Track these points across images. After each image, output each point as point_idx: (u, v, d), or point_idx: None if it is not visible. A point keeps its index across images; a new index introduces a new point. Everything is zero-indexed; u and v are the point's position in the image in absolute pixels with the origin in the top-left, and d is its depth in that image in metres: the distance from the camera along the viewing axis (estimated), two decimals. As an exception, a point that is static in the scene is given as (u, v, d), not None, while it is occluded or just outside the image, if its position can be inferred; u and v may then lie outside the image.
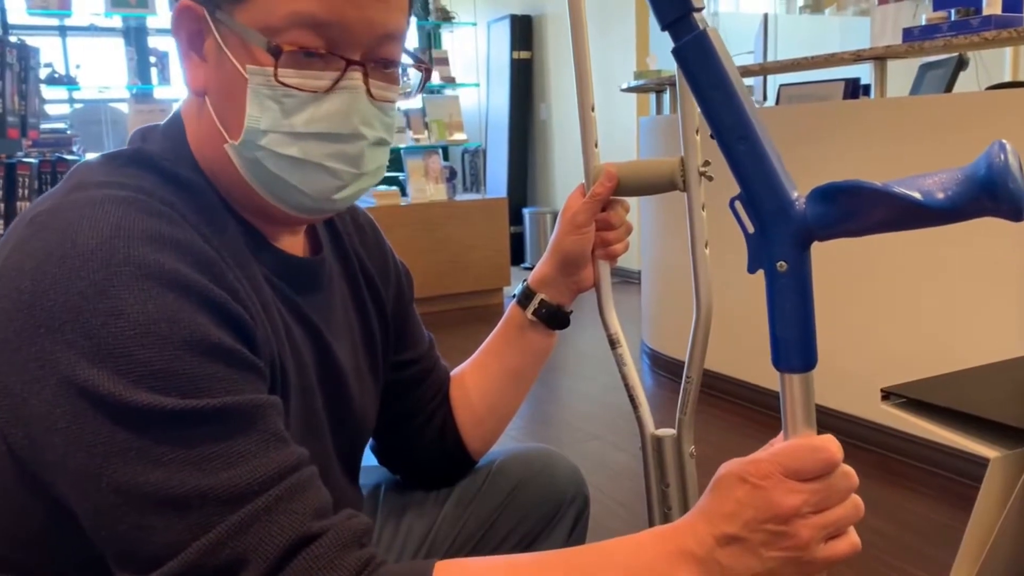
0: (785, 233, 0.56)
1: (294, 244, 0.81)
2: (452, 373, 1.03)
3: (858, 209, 0.54)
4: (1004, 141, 0.50)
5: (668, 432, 0.98)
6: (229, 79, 0.68)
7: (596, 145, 1.00)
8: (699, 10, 0.55)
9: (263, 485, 0.60)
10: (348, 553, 0.61)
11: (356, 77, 0.68)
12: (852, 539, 0.60)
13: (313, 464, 0.65)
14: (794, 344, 0.58)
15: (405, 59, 0.74)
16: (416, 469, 1.02)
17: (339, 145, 0.70)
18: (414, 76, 0.77)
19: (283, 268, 0.77)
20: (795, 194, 0.56)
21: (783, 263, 0.56)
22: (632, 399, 1.00)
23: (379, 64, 0.70)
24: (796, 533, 0.57)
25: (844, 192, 0.54)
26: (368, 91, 0.69)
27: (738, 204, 0.58)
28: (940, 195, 0.51)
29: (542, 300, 0.98)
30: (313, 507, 0.62)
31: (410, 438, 0.99)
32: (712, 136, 0.58)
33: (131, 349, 0.58)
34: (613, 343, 1.00)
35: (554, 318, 0.99)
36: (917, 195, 0.51)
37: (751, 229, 0.57)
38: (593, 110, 1.00)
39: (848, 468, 0.59)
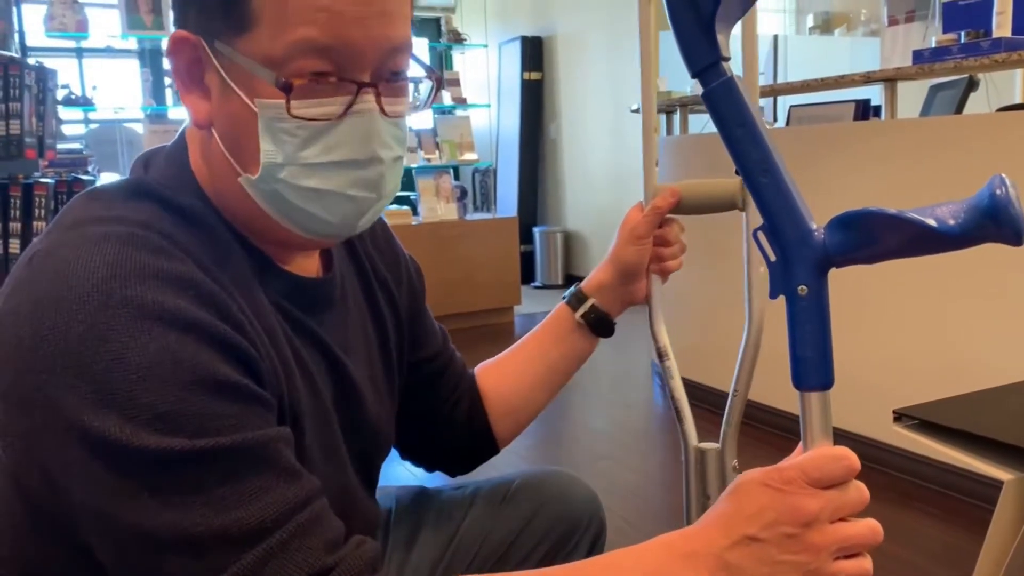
0: (806, 259, 0.59)
1: (307, 264, 0.80)
2: (486, 362, 1.04)
3: (874, 236, 0.57)
4: (1003, 175, 0.54)
5: (712, 446, 1.01)
6: (237, 113, 0.67)
7: (656, 164, 1.03)
8: (727, 60, 0.60)
9: (276, 522, 0.60)
10: None
11: (368, 99, 0.67)
12: (863, 564, 0.60)
13: (324, 495, 0.65)
14: (813, 364, 0.61)
15: (413, 70, 0.72)
16: (440, 455, 1.03)
17: (358, 172, 0.69)
18: (423, 88, 0.76)
19: (292, 291, 0.76)
20: (813, 224, 0.60)
21: (804, 287, 0.60)
22: (677, 412, 1.04)
23: (389, 79, 0.69)
24: (810, 539, 0.58)
25: (861, 219, 0.57)
26: (381, 110, 0.68)
27: (760, 235, 0.61)
28: (951, 221, 0.55)
29: (593, 305, 1.00)
30: (325, 540, 0.62)
31: (437, 429, 1.00)
32: (737, 172, 0.62)
33: (135, 393, 0.57)
34: (662, 356, 1.04)
35: (601, 325, 1.01)
36: (931, 222, 0.55)
37: (773, 257, 0.61)
38: (656, 131, 1.03)
39: (860, 483, 0.60)
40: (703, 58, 0.59)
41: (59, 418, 0.57)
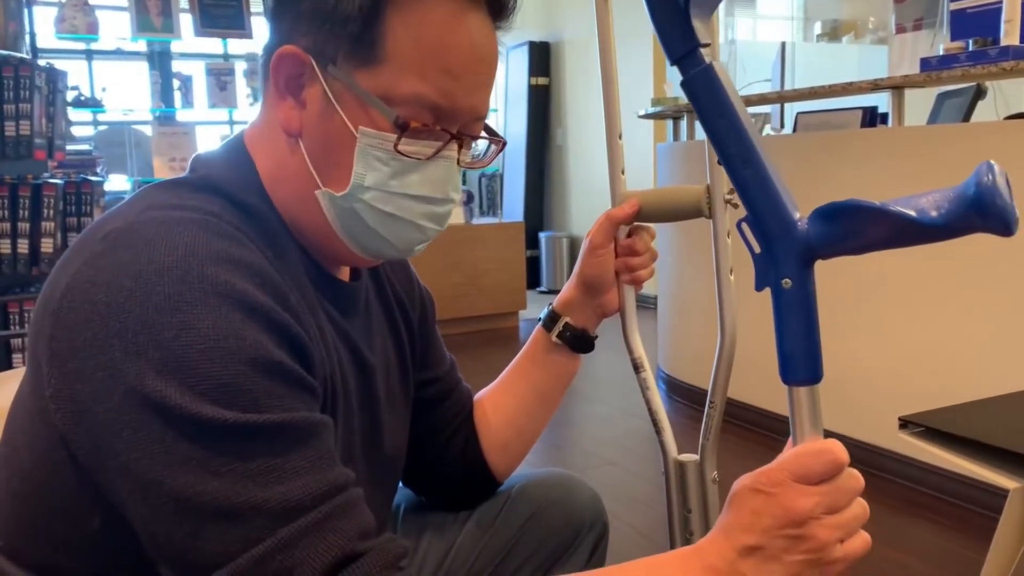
0: (789, 251, 0.59)
1: (340, 271, 0.84)
2: (475, 397, 1.04)
3: (857, 228, 0.56)
4: (992, 162, 0.52)
5: (691, 457, 0.99)
6: (334, 132, 0.72)
7: (623, 172, 1.01)
8: (705, 46, 0.58)
9: (314, 501, 0.61)
10: (388, 574, 0.62)
11: (453, 148, 0.75)
12: (864, 537, 0.61)
13: (358, 485, 0.67)
14: (800, 358, 0.60)
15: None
16: (439, 489, 1.03)
17: (432, 207, 0.76)
18: (482, 143, 0.82)
19: (333, 293, 0.80)
20: (797, 215, 0.59)
21: (788, 280, 0.59)
22: (655, 424, 1.00)
23: (470, 135, 0.77)
24: (813, 535, 0.58)
25: (843, 211, 0.56)
26: (458, 159, 0.76)
27: (744, 226, 0.60)
28: (933, 213, 0.54)
29: (567, 323, 0.99)
30: (359, 527, 0.63)
31: (433, 458, 1.00)
32: (719, 162, 0.61)
33: (199, 362, 0.60)
34: (637, 367, 1.01)
35: (578, 342, 1.00)
36: (912, 213, 0.54)
37: (757, 249, 0.60)
38: (620, 138, 1.01)
39: (854, 470, 0.60)
40: (681, 45, 0.58)
41: (120, 381, 0.60)
